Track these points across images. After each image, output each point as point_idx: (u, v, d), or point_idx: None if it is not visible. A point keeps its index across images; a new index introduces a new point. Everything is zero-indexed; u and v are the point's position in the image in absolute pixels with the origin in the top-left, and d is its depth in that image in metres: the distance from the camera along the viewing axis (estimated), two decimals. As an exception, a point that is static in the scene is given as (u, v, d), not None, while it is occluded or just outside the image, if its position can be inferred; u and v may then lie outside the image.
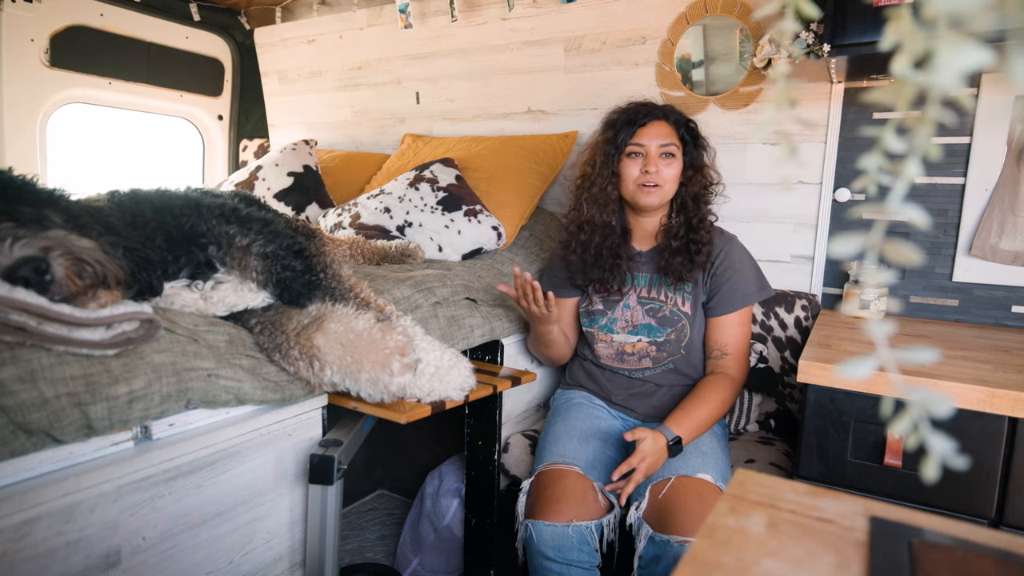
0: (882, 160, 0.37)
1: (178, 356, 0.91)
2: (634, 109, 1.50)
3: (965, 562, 0.45)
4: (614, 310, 1.55)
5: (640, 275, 1.55)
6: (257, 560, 1.08)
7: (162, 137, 2.87)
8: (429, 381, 1.15)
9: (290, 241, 1.11)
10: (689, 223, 1.47)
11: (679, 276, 1.47)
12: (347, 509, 2.33)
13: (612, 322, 1.55)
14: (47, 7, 2.22)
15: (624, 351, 1.54)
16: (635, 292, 1.55)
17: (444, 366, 1.18)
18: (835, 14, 1.37)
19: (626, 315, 1.54)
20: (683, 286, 1.50)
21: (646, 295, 1.53)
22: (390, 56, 2.56)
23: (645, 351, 1.52)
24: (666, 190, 1.46)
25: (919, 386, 0.33)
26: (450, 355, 1.21)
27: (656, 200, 1.47)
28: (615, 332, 1.55)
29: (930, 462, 0.33)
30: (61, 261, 0.76)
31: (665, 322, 1.50)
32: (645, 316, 1.52)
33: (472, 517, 1.67)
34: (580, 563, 1.26)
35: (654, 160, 1.45)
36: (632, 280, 1.55)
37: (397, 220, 1.81)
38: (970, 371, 1.17)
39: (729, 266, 1.47)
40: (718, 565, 0.44)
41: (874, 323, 0.35)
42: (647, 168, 1.45)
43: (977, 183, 1.62)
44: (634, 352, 1.53)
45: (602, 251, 1.52)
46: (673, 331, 1.50)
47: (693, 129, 1.51)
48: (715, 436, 1.45)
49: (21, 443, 0.75)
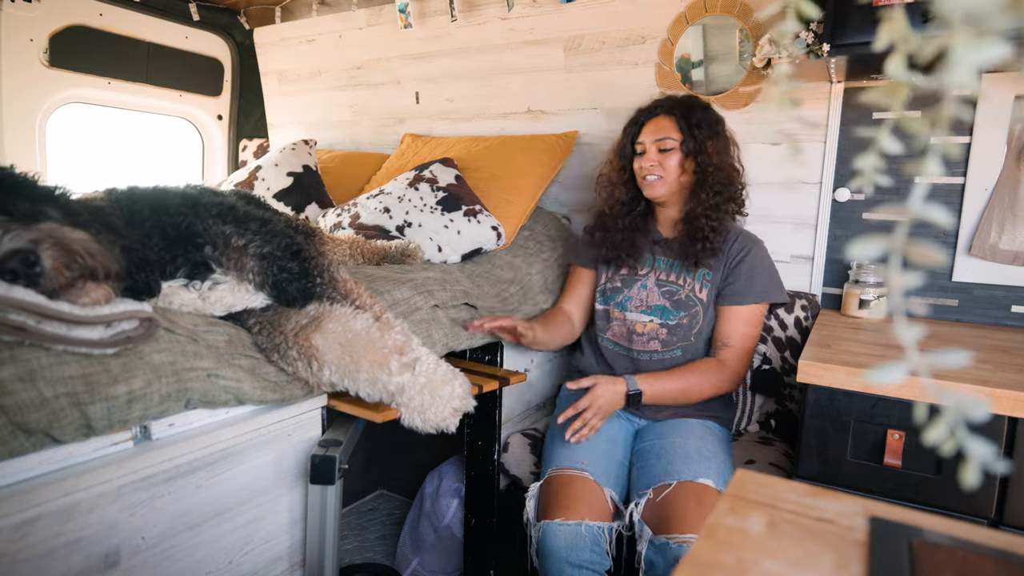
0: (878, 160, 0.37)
1: (177, 356, 0.91)
2: (640, 109, 1.61)
3: (965, 562, 0.45)
4: (631, 288, 1.60)
5: (663, 259, 1.60)
6: (257, 560, 1.08)
7: (162, 137, 2.86)
8: (420, 392, 1.08)
9: (288, 241, 1.10)
10: (698, 209, 1.51)
11: (696, 261, 1.51)
12: (347, 509, 2.33)
13: (627, 300, 1.60)
14: (46, 7, 2.22)
15: (634, 330, 1.57)
16: (655, 274, 1.59)
17: (437, 380, 1.11)
18: (835, 14, 1.36)
19: (641, 295, 1.58)
20: (703, 273, 1.53)
21: (665, 278, 1.58)
22: (390, 56, 2.56)
23: (655, 332, 1.54)
24: (668, 180, 1.53)
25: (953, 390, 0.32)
26: (444, 369, 1.15)
27: (659, 191, 1.54)
28: (628, 310, 1.59)
29: (970, 468, 0.32)
30: (50, 252, 0.76)
31: (680, 306, 1.54)
32: (661, 298, 1.56)
33: (472, 517, 1.67)
34: (592, 564, 1.26)
35: (650, 155, 1.54)
36: (654, 262, 1.61)
37: (397, 220, 1.80)
38: (970, 371, 1.17)
39: (749, 261, 1.51)
40: (718, 565, 0.44)
41: (903, 326, 0.34)
42: (642, 163, 1.55)
43: (977, 183, 1.61)
44: (644, 332, 1.56)
45: (624, 230, 1.61)
46: (686, 315, 1.53)
47: (692, 119, 1.52)
48: (718, 439, 1.45)
49: (20, 443, 0.75)
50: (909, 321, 0.34)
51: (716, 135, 1.53)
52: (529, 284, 1.80)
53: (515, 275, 1.78)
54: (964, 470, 0.32)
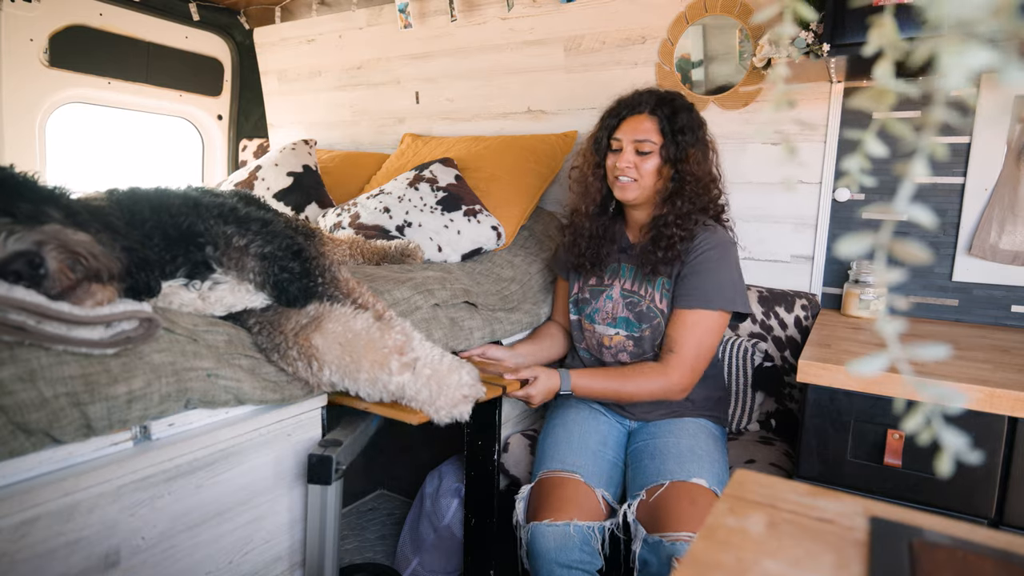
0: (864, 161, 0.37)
1: (177, 356, 0.91)
2: (621, 101, 1.51)
3: (965, 562, 0.45)
4: (599, 299, 1.56)
5: (627, 267, 1.55)
6: (257, 560, 1.08)
7: (162, 137, 2.86)
8: (427, 384, 1.09)
9: (289, 242, 1.10)
10: (669, 217, 1.43)
11: (653, 269, 1.44)
12: (347, 509, 2.33)
13: (595, 312, 1.57)
14: (46, 7, 2.22)
15: (603, 343, 1.55)
16: (620, 283, 1.55)
17: (443, 370, 1.11)
18: (834, 14, 1.37)
19: (607, 307, 1.54)
20: (662, 281, 1.47)
21: (629, 288, 1.53)
22: (389, 56, 2.56)
23: (623, 345, 1.52)
24: (643, 184, 1.45)
25: (931, 382, 0.34)
26: (450, 359, 1.15)
27: (632, 194, 1.47)
28: (596, 322, 1.56)
29: (944, 457, 0.33)
30: (55, 255, 0.76)
31: (642, 317, 1.49)
32: (625, 309, 1.52)
33: (472, 517, 1.67)
34: (582, 564, 1.26)
35: (626, 155, 1.45)
36: (619, 270, 1.56)
37: (397, 220, 1.80)
38: (970, 371, 1.17)
39: (703, 263, 1.41)
40: (718, 565, 0.44)
41: (884, 321, 0.35)
42: (617, 162, 1.46)
43: (977, 183, 1.61)
44: (611, 345, 1.53)
45: (591, 238, 1.55)
46: (648, 327, 1.49)
47: (676, 123, 1.44)
48: (712, 438, 1.44)
49: (20, 443, 0.75)
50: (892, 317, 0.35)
51: (698, 141, 1.45)
52: (529, 283, 1.80)
53: (515, 273, 1.78)
54: (938, 460, 0.33)
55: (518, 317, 1.68)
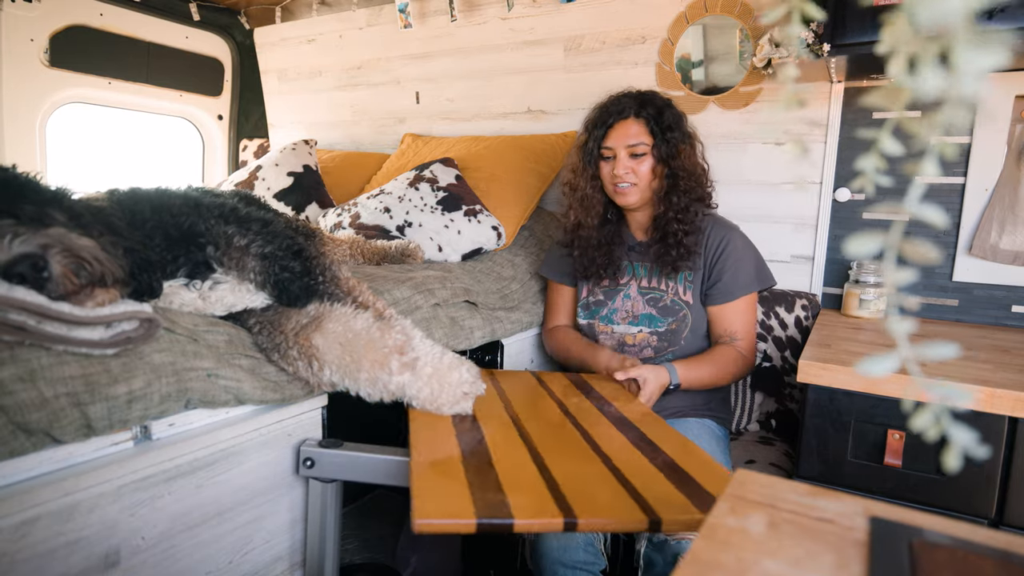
0: (879, 161, 0.37)
1: (178, 356, 0.91)
2: (605, 108, 1.52)
3: (965, 562, 0.45)
4: (614, 300, 1.57)
5: (640, 265, 1.57)
6: (257, 560, 1.08)
7: (162, 137, 2.86)
8: (428, 383, 1.10)
9: (289, 242, 1.10)
10: (669, 213, 1.47)
11: (674, 267, 1.48)
12: (347, 509, 2.33)
13: (613, 312, 1.57)
14: (47, 7, 2.22)
15: (625, 342, 1.55)
16: (636, 282, 1.56)
17: (443, 368, 1.12)
18: (835, 13, 1.36)
19: (627, 305, 1.56)
20: (684, 275, 1.51)
21: (647, 285, 1.55)
22: (390, 56, 2.56)
23: (646, 341, 1.53)
24: (642, 187, 1.49)
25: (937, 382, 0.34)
26: (450, 357, 1.15)
27: (633, 199, 1.50)
28: (615, 323, 1.56)
29: (952, 452, 0.33)
30: (59, 259, 0.76)
31: (666, 312, 1.52)
32: (646, 306, 1.54)
33: (472, 517, 1.67)
34: (585, 565, 1.26)
35: (622, 162, 1.47)
36: (632, 269, 1.57)
37: (397, 220, 1.80)
38: (970, 371, 1.17)
39: (730, 255, 1.48)
40: (718, 565, 0.44)
41: (895, 321, 0.35)
42: (615, 171, 1.48)
43: (977, 183, 1.61)
44: (635, 344, 1.54)
45: (600, 247, 1.56)
46: (674, 321, 1.51)
47: (663, 121, 1.47)
48: (716, 439, 1.44)
49: (21, 443, 0.75)
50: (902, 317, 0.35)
51: (685, 135, 1.49)
52: (530, 282, 1.80)
53: (516, 272, 1.78)
54: (947, 455, 0.34)
55: (519, 316, 1.68)
